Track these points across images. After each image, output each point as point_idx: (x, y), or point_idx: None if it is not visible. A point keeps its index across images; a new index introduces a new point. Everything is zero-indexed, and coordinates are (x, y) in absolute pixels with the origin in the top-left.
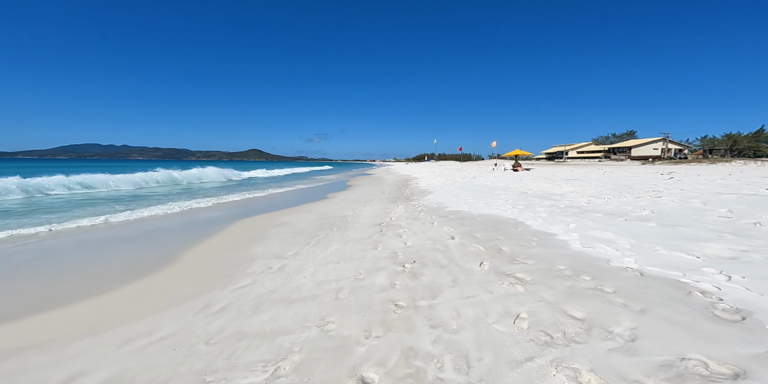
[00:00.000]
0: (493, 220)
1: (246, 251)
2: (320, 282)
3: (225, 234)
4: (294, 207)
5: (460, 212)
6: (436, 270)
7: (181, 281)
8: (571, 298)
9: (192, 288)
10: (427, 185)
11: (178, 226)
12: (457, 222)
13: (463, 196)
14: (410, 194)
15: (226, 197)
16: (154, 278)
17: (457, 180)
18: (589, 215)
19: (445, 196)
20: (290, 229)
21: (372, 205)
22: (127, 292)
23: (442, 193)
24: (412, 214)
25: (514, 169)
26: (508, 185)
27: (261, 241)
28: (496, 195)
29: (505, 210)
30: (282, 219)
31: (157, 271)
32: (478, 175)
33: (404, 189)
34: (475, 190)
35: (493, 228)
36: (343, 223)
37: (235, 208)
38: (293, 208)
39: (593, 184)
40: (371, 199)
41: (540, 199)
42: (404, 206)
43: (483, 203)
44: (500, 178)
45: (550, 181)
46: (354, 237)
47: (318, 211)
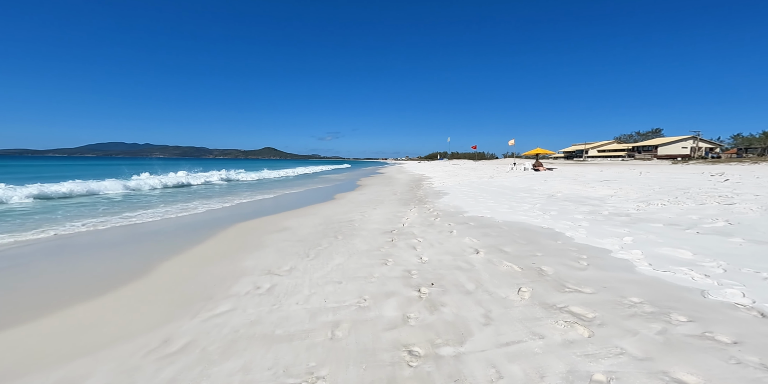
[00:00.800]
0: (523, 230)
1: (235, 264)
2: (315, 311)
3: (217, 240)
4: (299, 209)
5: (481, 218)
6: (460, 297)
7: (143, 305)
8: (670, 352)
9: (153, 315)
10: (442, 186)
11: (169, 229)
12: (479, 231)
13: (482, 199)
14: (424, 196)
15: (231, 198)
16: (107, 300)
17: (473, 180)
18: (646, 226)
19: (463, 199)
20: (290, 236)
21: (382, 208)
22: (63, 320)
23: (459, 195)
24: (427, 220)
25: (535, 168)
26: (531, 186)
27: (255, 251)
28: (521, 198)
29: (535, 216)
30: (283, 223)
31: (117, 289)
32: (495, 174)
33: (417, 190)
34: (495, 192)
35: (525, 240)
36: (350, 229)
37: (236, 210)
38: (298, 210)
39: (635, 186)
40: (382, 200)
41: (574, 204)
42: (417, 210)
43: (507, 208)
44: (521, 178)
45: (580, 182)
46: (360, 248)
47: (323, 214)
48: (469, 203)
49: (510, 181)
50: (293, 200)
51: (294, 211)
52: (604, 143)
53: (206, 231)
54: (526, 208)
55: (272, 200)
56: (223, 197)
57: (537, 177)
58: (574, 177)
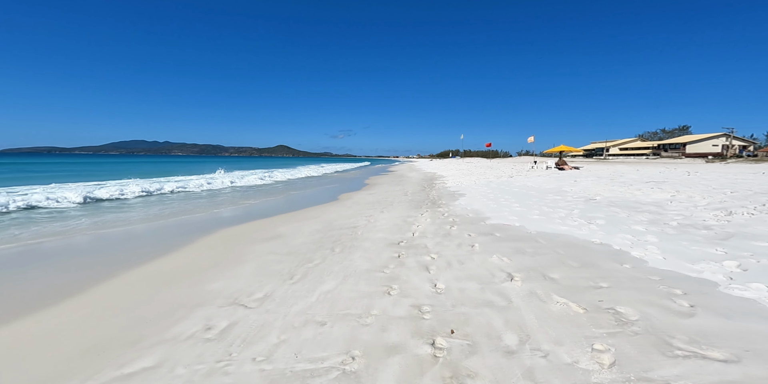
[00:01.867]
0: (569, 245)
1: (198, 286)
2: (276, 377)
3: (190, 251)
4: (298, 211)
5: (508, 227)
6: (498, 361)
7: (20, 355)
8: None
9: (27, 374)
10: (456, 185)
11: (140, 234)
12: (509, 245)
13: (505, 202)
14: (437, 197)
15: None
16: None
17: (490, 179)
18: (747, 244)
19: (482, 201)
20: (279, 246)
21: (391, 212)
22: None
23: (477, 197)
24: (442, 228)
25: (559, 167)
26: (560, 188)
27: (229, 268)
28: (552, 202)
29: (578, 226)
30: (276, 230)
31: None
32: (514, 173)
33: (429, 190)
34: (518, 194)
35: (577, 261)
36: (351, 238)
37: (228, 211)
38: (297, 212)
39: (695, 189)
40: (390, 202)
41: (625, 211)
42: (430, 214)
43: (538, 214)
44: (545, 178)
45: (620, 183)
46: (360, 266)
47: (325, 218)
48: (490, 207)
49: (534, 181)
50: (296, 200)
51: (293, 213)
52: (627, 141)
53: (180, 238)
54: (562, 215)
55: (271, 201)
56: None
57: (563, 177)
58: (610, 177)
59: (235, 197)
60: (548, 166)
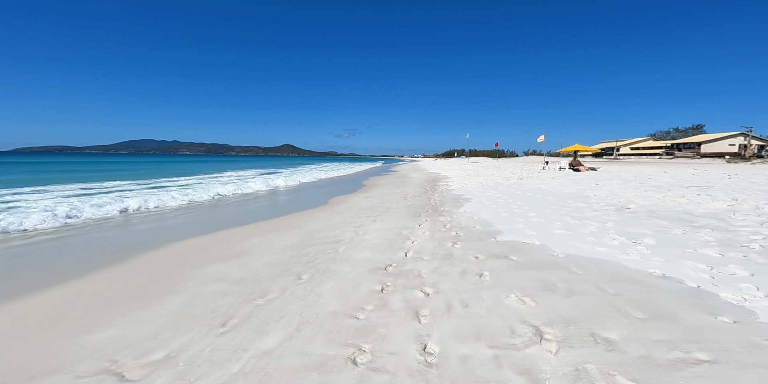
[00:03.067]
0: (615, 278)
1: (68, 338)
2: None
3: (109, 274)
4: (280, 218)
5: (527, 247)
6: None
7: None
8: None
9: None
10: (461, 187)
11: (74, 245)
12: (531, 275)
13: (518, 210)
14: (439, 202)
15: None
16: None
17: (498, 181)
18: None
19: (491, 208)
20: (235, 269)
21: (385, 221)
22: None
23: (485, 202)
24: (443, 245)
25: (574, 168)
26: (582, 192)
27: (145, 305)
28: (576, 210)
29: (620, 248)
30: (243, 244)
31: None
32: (525, 175)
33: (432, 193)
34: (533, 200)
35: (637, 306)
36: (328, 259)
37: (194, 216)
38: (278, 220)
39: (756, 196)
40: (387, 208)
41: (677, 225)
42: (430, 225)
43: (561, 227)
44: (560, 180)
45: (653, 187)
46: (326, 306)
47: (306, 229)
48: (501, 217)
49: (548, 184)
50: (281, 205)
51: (273, 221)
52: (638, 140)
53: (121, 253)
54: (594, 230)
55: (251, 202)
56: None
57: (581, 179)
58: (638, 180)
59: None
60: (561, 166)
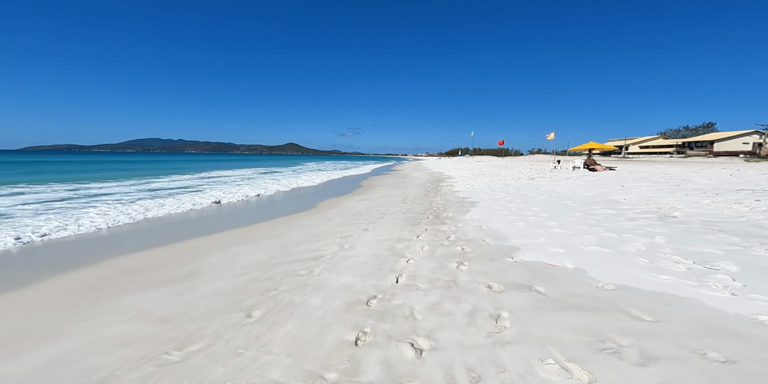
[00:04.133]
0: (710, 330)
1: None
2: None
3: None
4: (256, 225)
5: (556, 272)
6: None
7: None
8: None
9: None
10: (466, 189)
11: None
12: (571, 321)
13: (535, 218)
14: (442, 207)
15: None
16: None
17: (507, 182)
18: None
19: (502, 215)
20: (163, 302)
21: (378, 230)
22: None
23: (494, 207)
24: (445, 267)
25: (590, 168)
26: (607, 196)
27: None
28: (608, 220)
29: (693, 277)
30: (196, 262)
31: None
32: (535, 174)
33: (434, 195)
34: (550, 205)
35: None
36: (297, 286)
37: (157, 221)
38: (253, 227)
39: None
40: (383, 213)
41: (753, 241)
42: (431, 236)
43: (596, 242)
44: (576, 181)
45: (694, 191)
46: (270, 372)
47: (285, 239)
48: (515, 226)
49: (564, 186)
50: (264, 208)
51: (249, 229)
52: (647, 139)
53: (38, 270)
54: (642, 248)
55: (231, 205)
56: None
57: (602, 180)
58: (671, 182)
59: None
60: (575, 166)
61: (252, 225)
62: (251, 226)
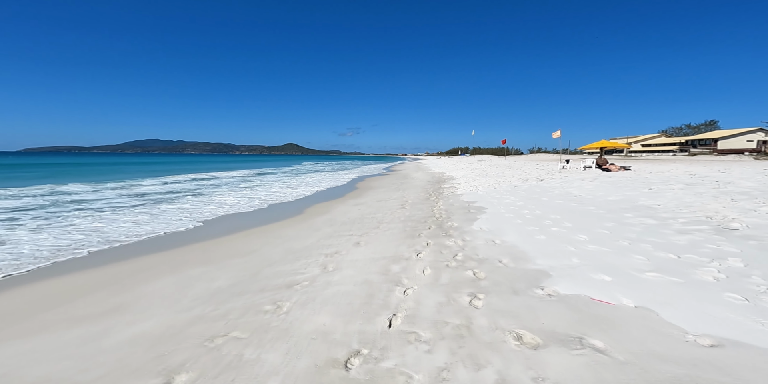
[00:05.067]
0: None
1: None
2: None
3: None
4: (229, 236)
5: (612, 313)
6: None
7: None
8: None
9: None
10: (471, 191)
11: None
12: None
13: (556, 228)
14: (446, 213)
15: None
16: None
17: (513, 183)
18: None
19: (517, 225)
20: (41, 366)
21: (371, 244)
22: None
23: (505, 214)
24: (454, 302)
25: (603, 168)
26: (635, 200)
27: None
28: (648, 231)
29: None
30: (133, 291)
31: None
32: (543, 175)
33: (436, 198)
34: (568, 210)
35: None
36: (253, 332)
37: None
38: (225, 239)
39: None
40: (378, 222)
41: None
42: (434, 253)
43: (650, 265)
44: (592, 182)
45: (741, 194)
46: None
47: (259, 256)
48: (535, 240)
49: (580, 188)
50: (246, 214)
51: (217, 242)
52: (649, 137)
53: None
54: (721, 276)
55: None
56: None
57: (623, 182)
58: (706, 183)
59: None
60: (587, 165)
61: (224, 237)
62: (222, 238)
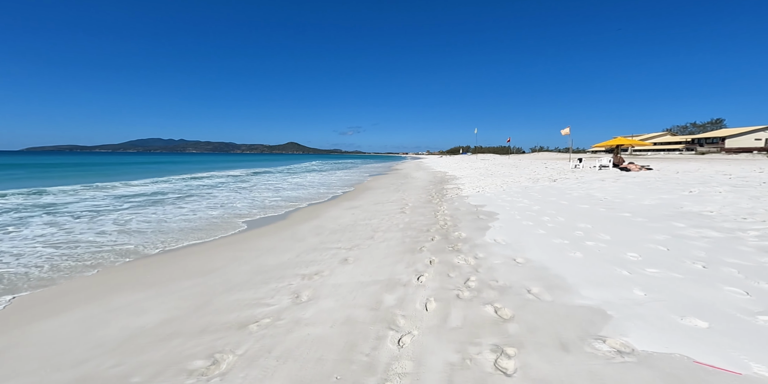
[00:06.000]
0: None
1: None
2: None
3: None
4: (189, 247)
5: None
6: None
7: None
8: None
9: None
10: (477, 193)
11: None
12: None
13: (590, 242)
14: (451, 220)
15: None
16: None
17: (523, 183)
18: None
19: (541, 238)
20: None
21: (362, 261)
22: None
23: (522, 222)
24: (475, 366)
25: (622, 167)
26: (679, 206)
27: None
28: (721, 248)
29: None
30: (8, 335)
31: None
32: (555, 175)
33: (439, 201)
34: (597, 216)
35: None
36: None
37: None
38: (180, 251)
39: None
40: (373, 231)
41: None
42: (440, 277)
43: (763, 307)
44: (615, 183)
45: None
46: None
47: (215, 278)
48: (568, 257)
49: (602, 190)
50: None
51: (169, 256)
52: (654, 135)
53: None
54: None
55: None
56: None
57: (652, 183)
58: (759, 187)
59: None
60: (603, 165)
61: (185, 249)
62: (183, 250)
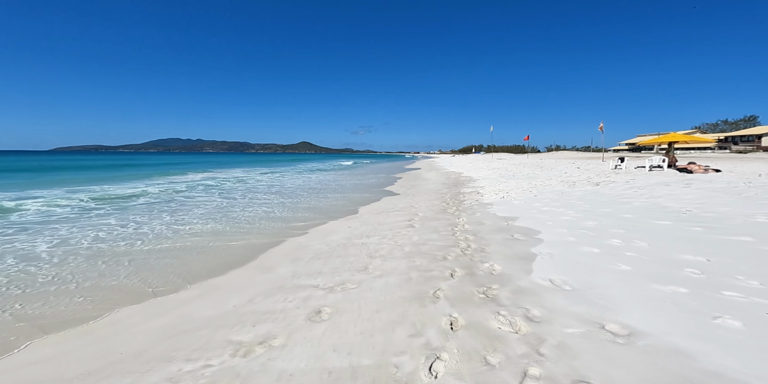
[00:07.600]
0: None
1: None
2: None
3: None
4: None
5: None
6: None
7: None
8: None
9: None
10: (502, 200)
11: None
12: None
13: (726, 291)
14: (475, 240)
15: None
16: None
17: (556, 187)
18: None
19: (632, 280)
20: None
21: (341, 318)
22: None
23: (585, 249)
24: None
25: (683, 169)
26: None
27: None
28: None
29: None
30: None
31: None
32: (594, 177)
33: (457, 211)
34: (701, 242)
35: None
36: None
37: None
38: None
39: None
40: (369, 257)
41: None
42: (467, 368)
43: None
44: (685, 188)
45: None
46: None
47: (65, 358)
48: (716, 329)
49: (674, 198)
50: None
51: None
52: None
53: None
54: None
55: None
56: None
57: (741, 189)
58: None
59: None
60: (653, 165)
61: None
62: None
